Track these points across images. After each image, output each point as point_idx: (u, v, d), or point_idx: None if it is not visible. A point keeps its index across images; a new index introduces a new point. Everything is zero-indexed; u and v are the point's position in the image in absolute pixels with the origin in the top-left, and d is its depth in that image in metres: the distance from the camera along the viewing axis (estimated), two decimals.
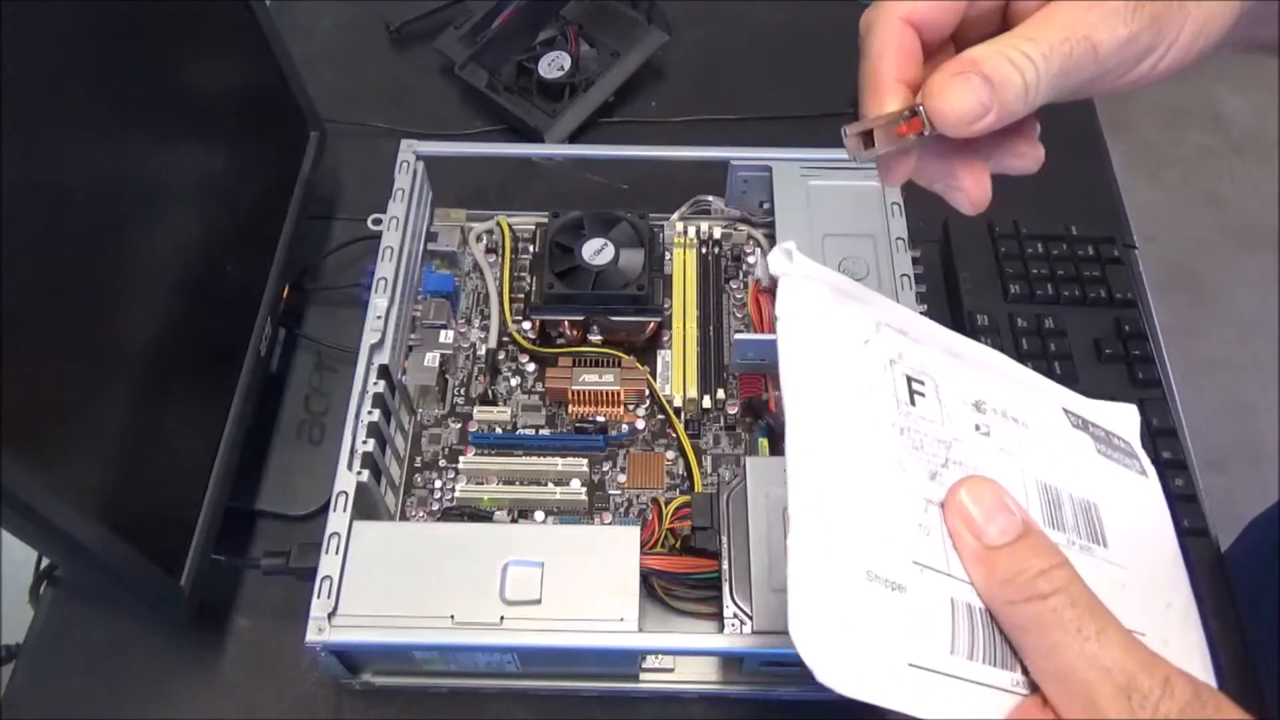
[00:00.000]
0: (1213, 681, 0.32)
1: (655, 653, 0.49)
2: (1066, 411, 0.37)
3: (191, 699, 0.53)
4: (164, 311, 0.48)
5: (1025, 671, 0.29)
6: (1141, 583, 0.33)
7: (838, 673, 0.26)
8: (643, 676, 0.50)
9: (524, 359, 0.60)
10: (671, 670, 0.50)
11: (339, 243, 0.67)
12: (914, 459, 0.31)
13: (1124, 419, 0.40)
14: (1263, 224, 1.61)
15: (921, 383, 0.33)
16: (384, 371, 0.52)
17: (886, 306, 0.36)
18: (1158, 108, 1.78)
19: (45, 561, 0.55)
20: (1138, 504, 0.36)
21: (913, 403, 0.32)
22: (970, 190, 0.33)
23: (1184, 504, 0.58)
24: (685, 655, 0.50)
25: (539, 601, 0.45)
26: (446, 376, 0.59)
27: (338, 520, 0.47)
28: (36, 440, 0.38)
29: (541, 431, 0.57)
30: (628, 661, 0.49)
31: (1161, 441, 0.60)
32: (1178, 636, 0.33)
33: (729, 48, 0.82)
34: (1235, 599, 0.55)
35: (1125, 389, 0.62)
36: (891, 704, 0.27)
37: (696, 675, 0.50)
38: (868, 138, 0.31)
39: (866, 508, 0.29)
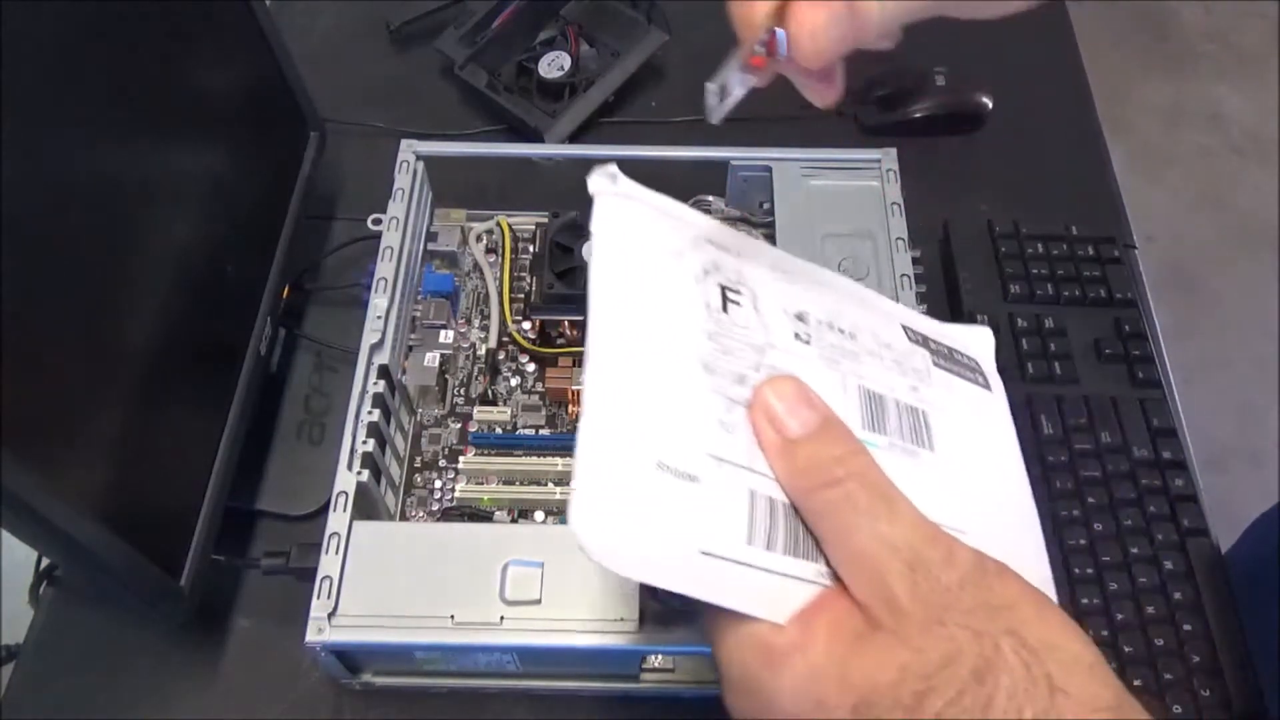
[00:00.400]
0: (1050, 589, 0.32)
1: (655, 653, 0.49)
2: (905, 328, 0.38)
3: (191, 699, 0.53)
4: (164, 311, 0.48)
5: (829, 563, 0.29)
6: (969, 487, 0.34)
7: (615, 554, 0.27)
8: (643, 676, 0.50)
9: (524, 359, 0.60)
10: (671, 670, 0.50)
11: (339, 243, 0.67)
12: (722, 362, 0.31)
13: (976, 340, 0.41)
14: (1263, 224, 1.61)
15: (738, 293, 0.34)
16: (384, 371, 0.52)
17: (711, 227, 0.36)
18: (1158, 108, 1.78)
19: (45, 561, 0.55)
20: (976, 415, 0.37)
21: (725, 310, 0.33)
22: (821, 92, 0.35)
23: (1184, 504, 0.58)
24: (685, 655, 0.50)
25: (539, 601, 0.45)
26: (446, 376, 0.59)
27: (338, 520, 0.47)
28: (36, 440, 0.38)
29: (541, 431, 0.57)
30: (628, 661, 0.49)
31: (1161, 441, 0.60)
32: (1004, 538, 0.33)
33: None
34: (1235, 599, 0.55)
35: (1125, 389, 0.62)
36: (678, 587, 0.28)
37: (696, 675, 0.50)
38: (724, 89, 0.34)
39: (662, 403, 0.30)
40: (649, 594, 0.48)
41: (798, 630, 0.28)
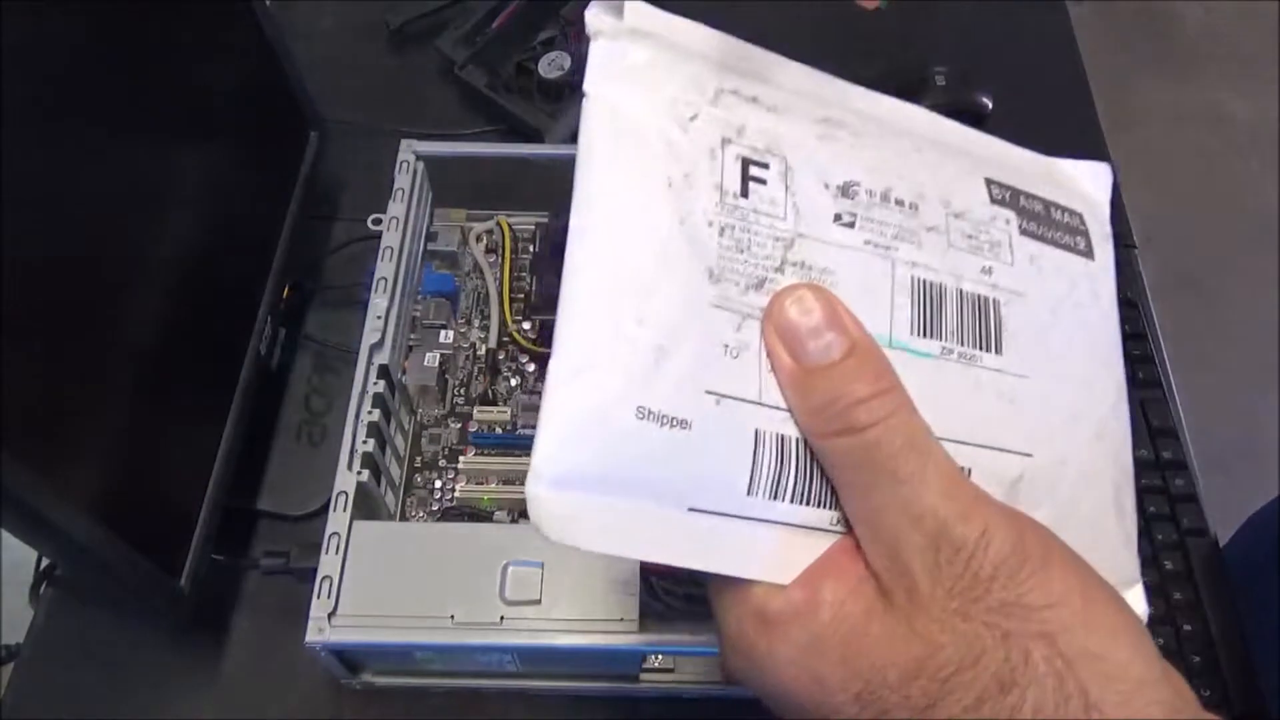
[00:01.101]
0: (1131, 500, 0.29)
1: (655, 653, 0.49)
2: (990, 183, 0.31)
3: (191, 699, 0.53)
4: (164, 311, 0.48)
5: (845, 512, 0.25)
6: (1041, 394, 0.28)
7: (578, 527, 0.23)
8: (643, 677, 0.50)
9: (524, 359, 0.60)
10: (671, 670, 0.50)
11: (339, 243, 0.67)
12: (735, 264, 0.26)
13: (1090, 179, 0.34)
14: (1263, 224, 1.61)
15: (764, 165, 0.27)
16: (384, 371, 0.52)
17: (748, 59, 0.30)
18: (1158, 108, 1.78)
19: (45, 561, 0.55)
20: (1064, 295, 0.31)
21: (744, 193, 0.27)
22: None
23: (1184, 504, 0.58)
24: (685, 655, 0.50)
25: (539, 601, 0.45)
26: (446, 376, 0.59)
27: (338, 520, 0.47)
28: (36, 440, 0.38)
29: None
30: (628, 662, 0.49)
31: (1161, 441, 0.60)
32: (1083, 452, 0.28)
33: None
34: (1234, 597, 0.55)
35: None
36: (657, 557, 0.24)
37: (696, 675, 0.50)
38: None
39: (651, 331, 0.25)
40: (650, 594, 0.48)
41: (800, 594, 0.25)
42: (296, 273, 0.64)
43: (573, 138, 0.78)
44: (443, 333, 0.59)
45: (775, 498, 0.25)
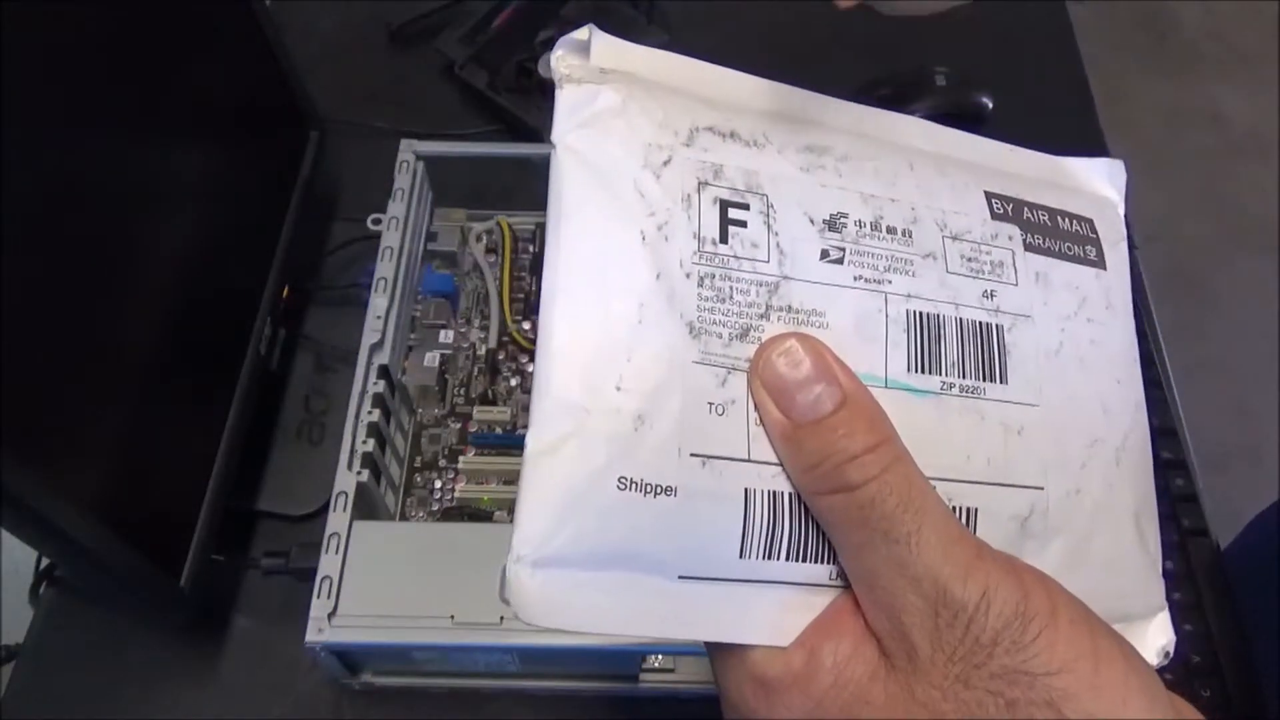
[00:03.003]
0: (1153, 523, 0.28)
1: (655, 653, 0.49)
2: (991, 197, 0.29)
3: (191, 699, 0.53)
4: (164, 311, 0.48)
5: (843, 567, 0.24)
6: (1053, 422, 0.27)
7: (563, 608, 0.22)
8: (643, 677, 0.50)
9: (524, 359, 0.60)
10: (672, 670, 0.50)
11: (339, 243, 0.67)
12: (717, 316, 0.25)
13: (1101, 178, 0.32)
14: (1263, 224, 1.61)
15: (745, 206, 0.26)
16: (384, 371, 0.52)
17: (726, 89, 0.28)
18: (1158, 108, 1.78)
19: (45, 561, 0.55)
20: (1074, 311, 0.29)
21: (724, 238, 0.25)
22: None
23: (1184, 504, 0.58)
24: (685, 655, 0.50)
25: None
26: (446, 376, 0.59)
27: (338, 520, 0.47)
28: (36, 440, 0.38)
29: None
30: (628, 662, 0.49)
31: (1161, 441, 0.60)
32: (1099, 481, 0.27)
33: (729, 48, 0.81)
34: (1235, 598, 0.55)
35: None
36: (649, 631, 0.23)
37: (696, 675, 0.50)
38: None
39: (630, 397, 0.23)
40: None
41: (800, 658, 0.24)
42: (296, 273, 0.64)
43: None
44: (443, 333, 0.59)
45: (770, 557, 0.24)
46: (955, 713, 0.22)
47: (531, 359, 0.59)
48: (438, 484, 0.56)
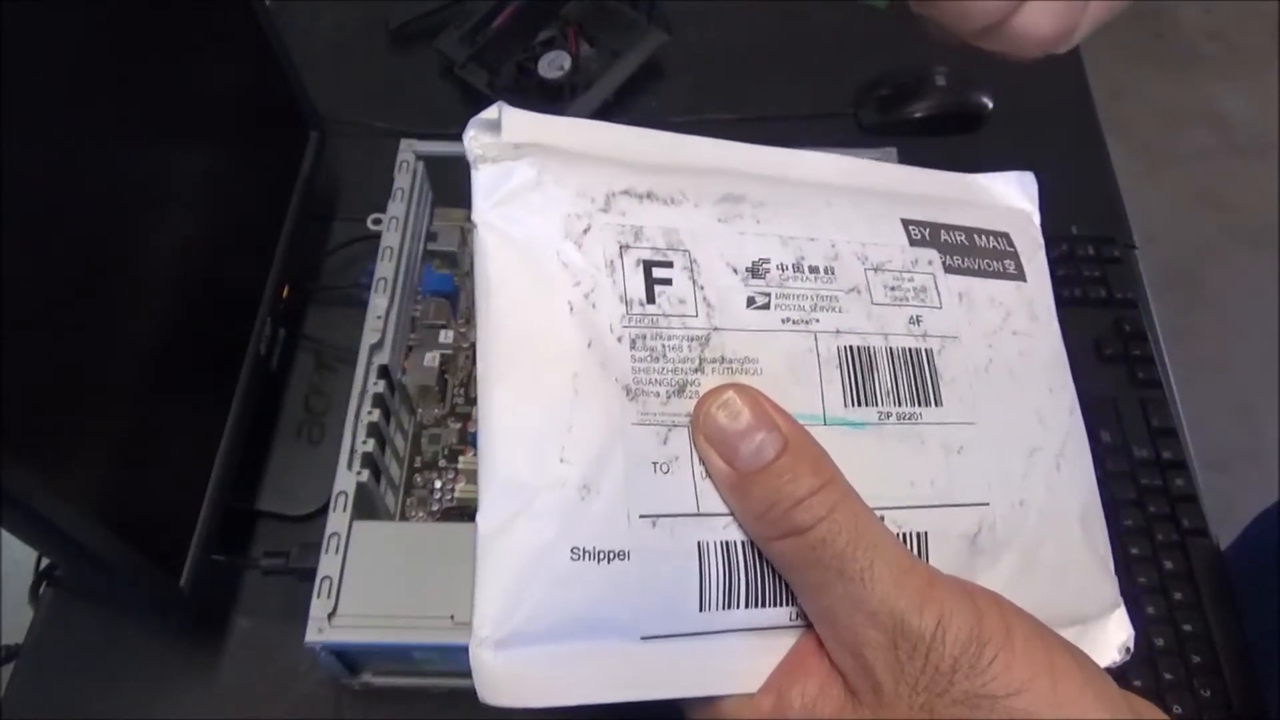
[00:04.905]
0: (1099, 523, 0.29)
1: None
2: (907, 224, 0.30)
3: (191, 699, 0.53)
4: (164, 311, 0.48)
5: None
6: (991, 437, 0.28)
7: (531, 686, 0.23)
8: None
9: None
10: None
11: (339, 243, 0.67)
12: (652, 374, 0.25)
13: (1012, 191, 0.33)
14: (1263, 224, 1.61)
15: (668, 264, 0.26)
16: (384, 371, 0.52)
17: (638, 150, 0.29)
18: (1158, 108, 1.78)
19: (45, 561, 0.55)
20: (1000, 325, 0.30)
21: (650, 298, 0.26)
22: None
23: (1184, 504, 0.58)
24: None
25: None
26: (446, 376, 0.58)
27: (338, 520, 0.47)
28: (36, 440, 0.38)
29: None
30: None
31: (1161, 441, 0.60)
32: (1041, 489, 0.28)
33: (729, 48, 0.82)
34: (1235, 598, 0.55)
35: (1125, 389, 0.62)
36: (619, 696, 0.23)
37: None
38: None
39: (574, 468, 0.24)
40: None
41: (769, 703, 0.24)
42: (296, 273, 0.64)
43: None
44: (443, 333, 0.59)
45: (730, 606, 0.24)
46: None
47: None
48: (438, 484, 0.56)
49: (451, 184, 0.64)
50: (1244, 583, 0.55)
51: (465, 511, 0.54)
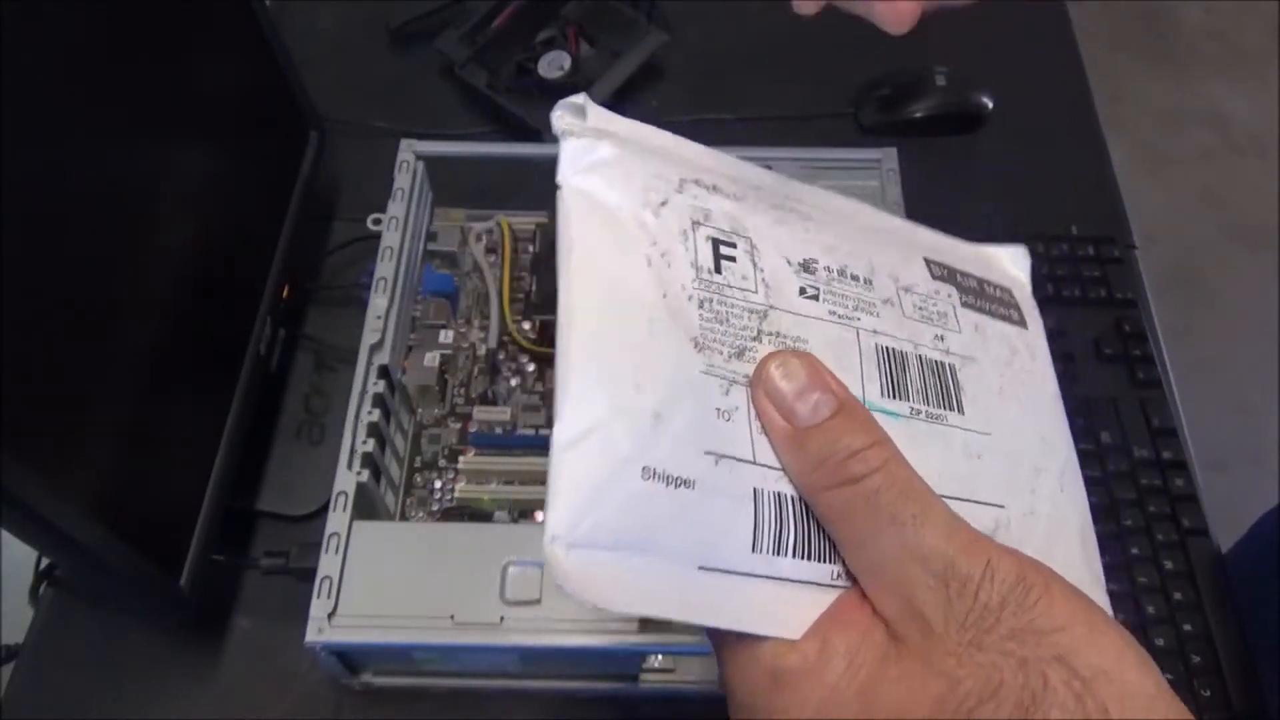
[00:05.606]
0: (1093, 544, 0.30)
1: (655, 653, 0.49)
2: (929, 262, 0.33)
3: (191, 699, 0.53)
4: (164, 311, 0.48)
5: (846, 565, 0.26)
6: (1005, 449, 0.30)
7: (602, 591, 0.24)
8: (643, 677, 0.50)
9: (524, 359, 0.60)
10: (672, 670, 0.50)
11: (339, 243, 0.67)
12: (717, 334, 0.27)
13: (1010, 261, 0.36)
14: (1263, 224, 1.61)
15: (732, 245, 0.29)
16: (384, 371, 0.52)
17: (702, 158, 0.32)
18: (1158, 108, 1.78)
19: (45, 561, 0.55)
20: (1009, 359, 0.33)
21: (718, 269, 0.28)
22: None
23: (1184, 504, 0.58)
24: (685, 655, 0.50)
25: (539, 601, 0.45)
26: (446, 376, 0.58)
27: (338, 520, 0.47)
28: (36, 440, 0.38)
29: (541, 432, 0.57)
30: (628, 662, 0.49)
31: (1161, 441, 0.60)
32: (1047, 504, 0.30)
33: (729, 48, 0.82)
34: (1235, 600, 0.55)
35: (1125, 389, 0.62)
36: (675, 615, 0.24)
37: (696, 675, 0.50)
38: None
39: (647, 397, 0.25)
40: None
41: (813, 649, 0.25)
42: (296, 273, 0.64)
43: None
44: (443, 333, 0.59)
45: (779, 553, 0.25)
46: (971, 677, 0.23)
47: (531, 359, 0.59)
48: (438, 484, 0.56)
49: (451, 184, 0.64)
50: (1246, 585, 0.55)
51: (465, 511, 0.54)
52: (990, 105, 0.76)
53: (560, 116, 0.29)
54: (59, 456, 0.40)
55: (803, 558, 0.26)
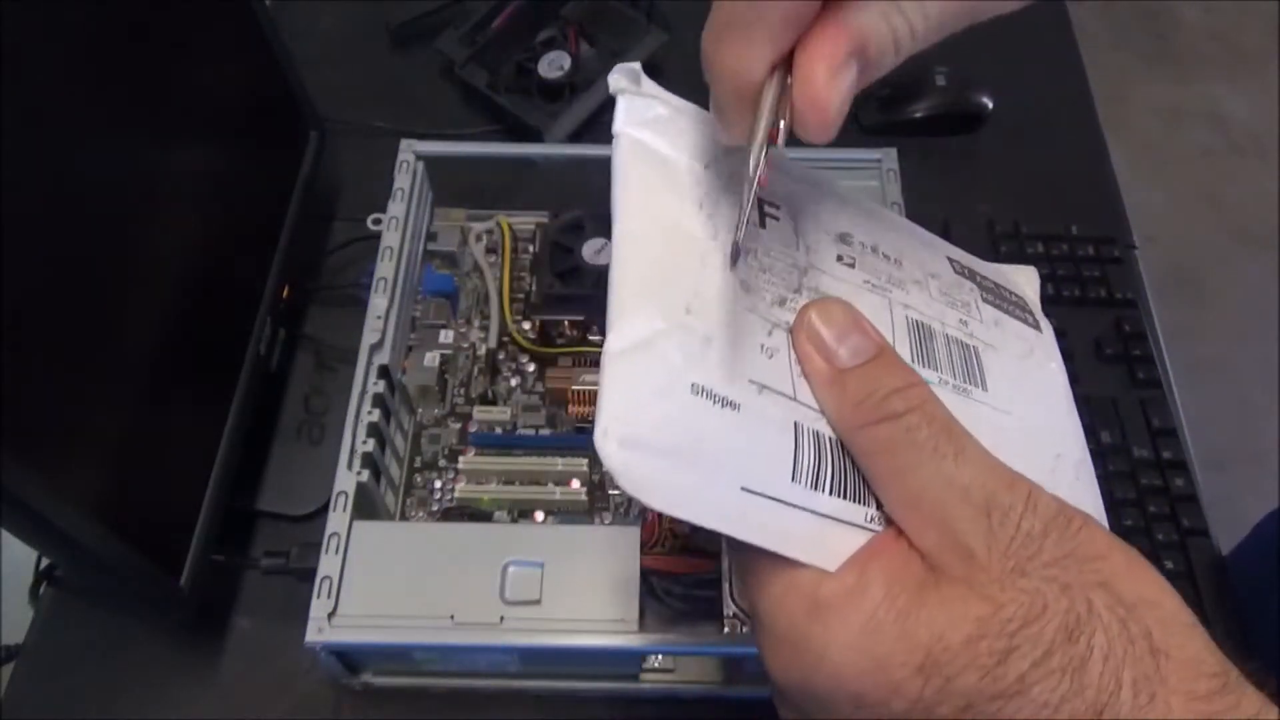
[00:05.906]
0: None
1: (655, 653, 0.49)
2: (952, 260, 0.35)
3: (191, 699, 0.53)
4: (164, 311, 0.48)
5: (881, 507, 0.26)
6: (1026, 430, 0.31)
7: (650, 486, 0.24)
8: (643, 677, 0.50)
9: (524, 359, 0.60)
10: (672, 670, 0.50)
11: (339, 243, 0.67)
12: (761, 281, 0.28)
13: (1022, 278, 0.38)
14: (1263, 224, 1.61)
15: (776, 206, 0.30)
16: (384, 371, 0.52)
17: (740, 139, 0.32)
18: (1158, 108, 1.78)
19: (45, 561, 0.55)
20: (1027, 356, 0.34)
21: (763, 224, 0.30)
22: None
23: (1184, 504, 0.58)
24: (685, 655, 0.50)
25: (539, 602, 0.45)
26: (446, 376, 0.58)
27: (338, 520, 0.47)
28: (36, 440, 0.38)
29: (542, 431, 0.57)
30: (628, 662, 0.49)
31: (1161, 441, 0.60)
32: (1067, 488, 0.30)
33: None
34: (1236, 600, 0.55)
35: (1125, 389, 0.62)
36: (717, 525, 0.25)
37: (696, 675, 0.50)
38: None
39: (698, 322, 0.26)
40: (650, 594, 0.48)
41: (851, 577, 0.25)
42: (296, 273, 0.64)
43: (572, 137, 0.78)
44: (443, 333, 0.59)
45: (816, 488, 0.26)
46: (1014, 601, 0.23)
47: (531, 359, 0.59)
48: (438, 484, 0.56)
49: (451, 184, 0.64)
50: (1247, 587, 0.55)
51: (465, 511, 0.54)
52: (990, 105, 0.76)
53: (617, 78, 0.31)
54: (59, 456, 0.40)
55: (839, 496, 0.26)
